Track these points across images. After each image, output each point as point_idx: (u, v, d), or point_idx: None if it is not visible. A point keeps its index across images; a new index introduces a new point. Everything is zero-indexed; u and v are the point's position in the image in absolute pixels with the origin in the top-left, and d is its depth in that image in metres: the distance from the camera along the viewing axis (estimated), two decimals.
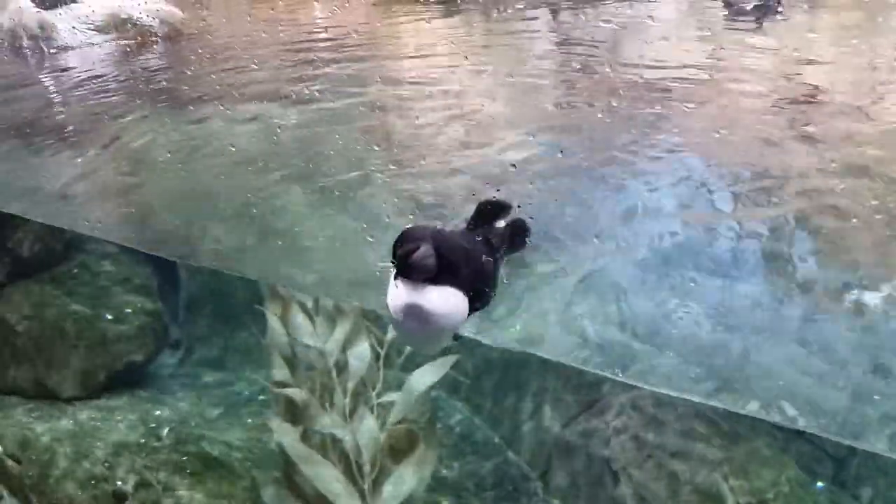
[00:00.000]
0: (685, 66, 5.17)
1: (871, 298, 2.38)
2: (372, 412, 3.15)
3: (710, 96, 4.51)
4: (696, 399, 2.48)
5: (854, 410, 2.14)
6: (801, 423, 2.16)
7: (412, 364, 3.28)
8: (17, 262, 4.13)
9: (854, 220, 2.81)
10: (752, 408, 2.16)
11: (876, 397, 2.13)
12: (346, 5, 8.02)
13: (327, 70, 5.42)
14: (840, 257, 2.65)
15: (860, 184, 3.08)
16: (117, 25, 6.29)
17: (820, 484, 3.36)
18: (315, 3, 8.12)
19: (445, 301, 1.93)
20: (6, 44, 5.90)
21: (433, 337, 2.08)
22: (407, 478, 2.97)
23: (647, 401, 3.58)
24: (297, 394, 3.13)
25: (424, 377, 3.21)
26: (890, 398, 2.11)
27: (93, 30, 6.21)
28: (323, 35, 6.89)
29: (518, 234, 2.33)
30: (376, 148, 3.56)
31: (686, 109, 4.25)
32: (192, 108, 4.57)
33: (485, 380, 4.26)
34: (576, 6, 7.41)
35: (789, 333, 2.30)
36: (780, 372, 2.22)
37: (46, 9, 5.95)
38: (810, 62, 5.12)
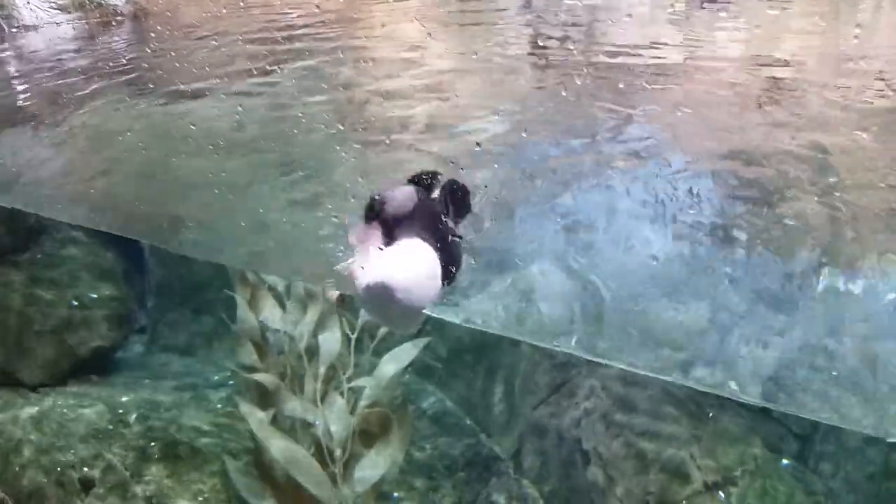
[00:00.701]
0: (653, 47, 5.20)
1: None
2: (343, 396, 3.14)
3: (679, 76, 4.54)
4: (665, 378, 2.51)
5: None
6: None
7: (384, 348, 3.28)
8: None
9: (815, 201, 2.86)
10: (729, 387, 2.19)
11: None
12: None
13: (293, 47, 5.36)
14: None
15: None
16: (81, 4, 6.16)
17: (785, 461, 3.43)
18: None
19: (418, 265, 1.78)
20: None
21: (405, 310, 1.86)
22: (378, 461, 2.97)
23: (616, 382, 3.61)
24: (267, 379, 3.10)
25: (395, 361, 3.20)
26: None
27: (55, 9, 6.07)
28: (290, 13, 6.80)
29: (457, 198, 2.14)
30: (341, 127, 3.53)
31: (652, 88, 4.28)
32: (154, 87, 4.49)
33: (457, 363, 4.28)
34: None
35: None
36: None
37: None
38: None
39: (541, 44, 5.72)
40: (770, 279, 2.48)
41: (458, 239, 2.00)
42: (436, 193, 2.14)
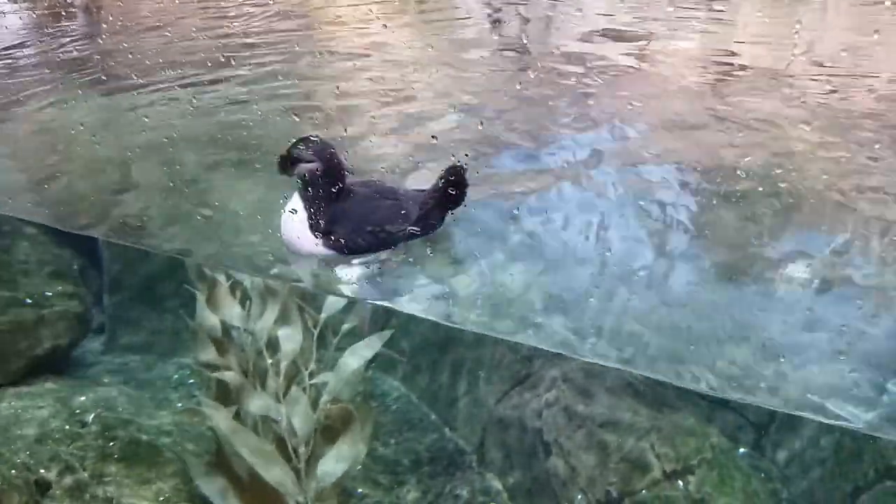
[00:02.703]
0: (607, 40, 5.27)
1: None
2: (305, 392, 3.13)
3: (636, 71, 4.61)
4: (625, 369, 2.55)
5: None
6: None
7: (347, 343, 3.27)
8: None
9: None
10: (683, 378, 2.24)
11: None
12: None
13: (247, 40, 5.30)
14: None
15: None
16: None
17: (742, 450, 3.51)
18: None
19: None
20: None
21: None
22: (342, 456, 2.96)
23: (577, 374, 3.66)
24: (228, 376, 3.08)
25: (357, 355, 3.19)
26: None
27: None
28: (244, 5, 6.72)
29: (453, 185, 2.33)
30: (297, 119, 3.51)
31: (606, 81, 4.35)
32: (106, 79, 4.41)
33: (420, 358, 4.28)
34: None
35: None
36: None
37: None
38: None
39: (503, 39, 5.75)
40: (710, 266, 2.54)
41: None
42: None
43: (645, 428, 3.41)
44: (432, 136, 3.34)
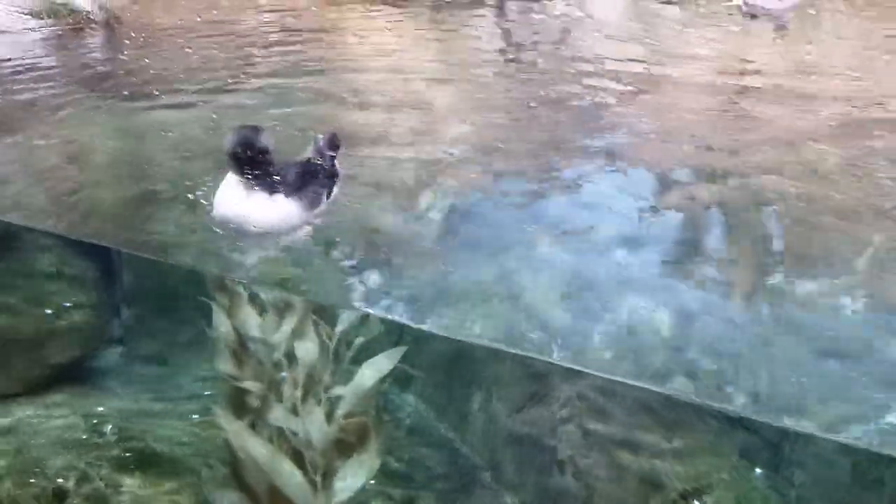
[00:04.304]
0: (622, 60, 5.30)
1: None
2: (320, 405, 3.14)
3: (646, 88, 4.64)
4: (641, 385, 2.55)
5: None
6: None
7: (362, 357, 3.28)
8: None
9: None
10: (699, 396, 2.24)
11: None
12: None
13: (267, 57, 5.38)
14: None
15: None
16: (53, 10, 6.11)
17: (759, 470, 3.49)
18: None
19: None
20: None
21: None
22: (357, 470, 2.97)
23: (592, 391, 3.65)
24: (244, 387, 3.09)
25: (374, 370, 3.20)
26: None
27: (26, 14, 6.02)
28: (265, 23, 6.81)
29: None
30: (313, 134, 3.56)
31: (620, 99, 4.37)
32: (128, 93, 4.48)
33: (435, 373, 4.28)
34: (522, 2, 7.50)
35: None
36: None
37: None
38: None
39: (518, 57, 5.79)
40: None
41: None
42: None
43: (660, 446, 3.39)
44: (449, 153, 3.38)
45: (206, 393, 4.00)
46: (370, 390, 3.18)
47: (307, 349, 3.14)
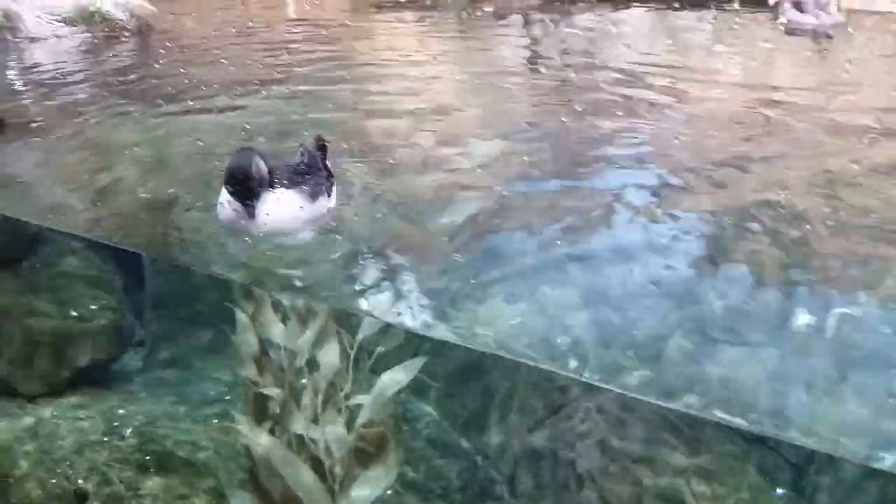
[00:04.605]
0: (648, 72, 5.29)
1: None
2: (340, 413, 3.14)
3: (671, 102, 4.62)
4: (661, 403, 2.52)
5: None
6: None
7: (382, 366, 3.28)
8: None
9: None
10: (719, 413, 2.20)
11: None
12: (317, 3, 8.03)
13: (298, 67, 5.42)
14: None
15: None
16: (86, 18, 6.21)
17: (780, 490, 3.43)
18: (287, 1, 8.13)
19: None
20: None
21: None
22: (375, 480, 2.96)
23: (612, 406, 3.62)
24: (265, 393, 3.10)
25: (393, 379, 3.20)
26: None
27: (60, 21, 6.12)
28: (294, 32, 6.89)
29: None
30: (345, 146, 3.58)
31: (648, 114, 4.36)
32: (160, 102, 4.54)
33: (454, 383, 4.27)
34: (548, 15, 7.52)
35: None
36: None
37: None
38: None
39: (543, 70, 5.80)
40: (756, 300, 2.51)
41: None
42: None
43: (681, 464, 3.35)
44: (478, 166, 3.39)
45: (226, 398, 4.03)
46: (390, 400, 3.18)
47: (329, 357, 3.15)
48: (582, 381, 2.50)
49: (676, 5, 7.68)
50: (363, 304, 2.77)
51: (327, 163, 3.02)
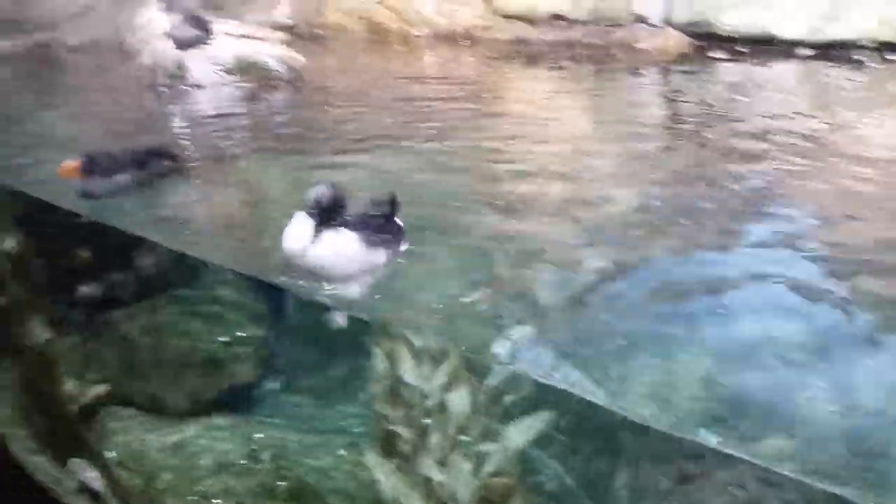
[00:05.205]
0: (793, 133, 5.06)
1: None
2: (468, 459, 3.14)
3: (820, 168, 4.39)
4: (817, 485, 2.35)
5: None
6: None
7: (509, 415, 3.26)
8: (143, 283, 4.41)
9: None
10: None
11: None
12: (457, 58, 8.29)
13: (433, 122, 5.59)
14: None
15: None
16: (244, 68, 6.68)
17: None
18: (426, 56, 8.46)
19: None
20: (146, 80, 6.39)
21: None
22: None
23: (751, 481, 3.40)
24: (395, 430, 3.15)
25: (523, 430, 3.18)
26: None
27: (223, 71, 6.61)
28: (435, 86, 7.12)
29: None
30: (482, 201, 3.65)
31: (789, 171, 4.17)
32: (304, 148, 4.82)
33: (579, 439, 4.16)
34: (687, 69, 7.38)
35: None
36: None
37: (182, 49, 6.40)
38: None
39: (683, 127, 5.68)
40: None
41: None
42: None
43: None
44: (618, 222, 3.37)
45: (354, 430, 4.11)
46: (518, 451, 3.15)
47: (460, 401, 3.17)
48: (718, 450, 2.40)
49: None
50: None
51: (396, 218, 3.21)
